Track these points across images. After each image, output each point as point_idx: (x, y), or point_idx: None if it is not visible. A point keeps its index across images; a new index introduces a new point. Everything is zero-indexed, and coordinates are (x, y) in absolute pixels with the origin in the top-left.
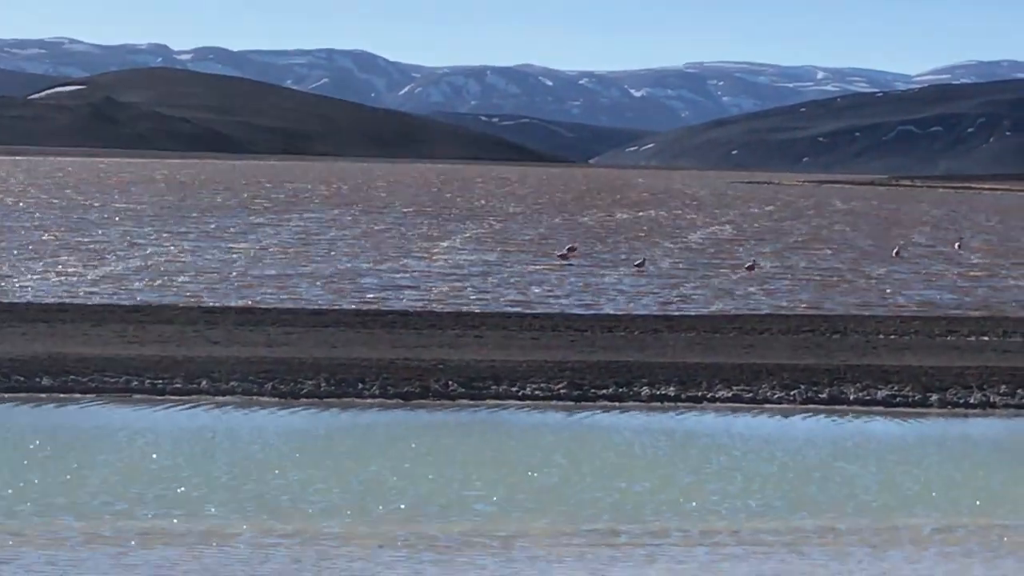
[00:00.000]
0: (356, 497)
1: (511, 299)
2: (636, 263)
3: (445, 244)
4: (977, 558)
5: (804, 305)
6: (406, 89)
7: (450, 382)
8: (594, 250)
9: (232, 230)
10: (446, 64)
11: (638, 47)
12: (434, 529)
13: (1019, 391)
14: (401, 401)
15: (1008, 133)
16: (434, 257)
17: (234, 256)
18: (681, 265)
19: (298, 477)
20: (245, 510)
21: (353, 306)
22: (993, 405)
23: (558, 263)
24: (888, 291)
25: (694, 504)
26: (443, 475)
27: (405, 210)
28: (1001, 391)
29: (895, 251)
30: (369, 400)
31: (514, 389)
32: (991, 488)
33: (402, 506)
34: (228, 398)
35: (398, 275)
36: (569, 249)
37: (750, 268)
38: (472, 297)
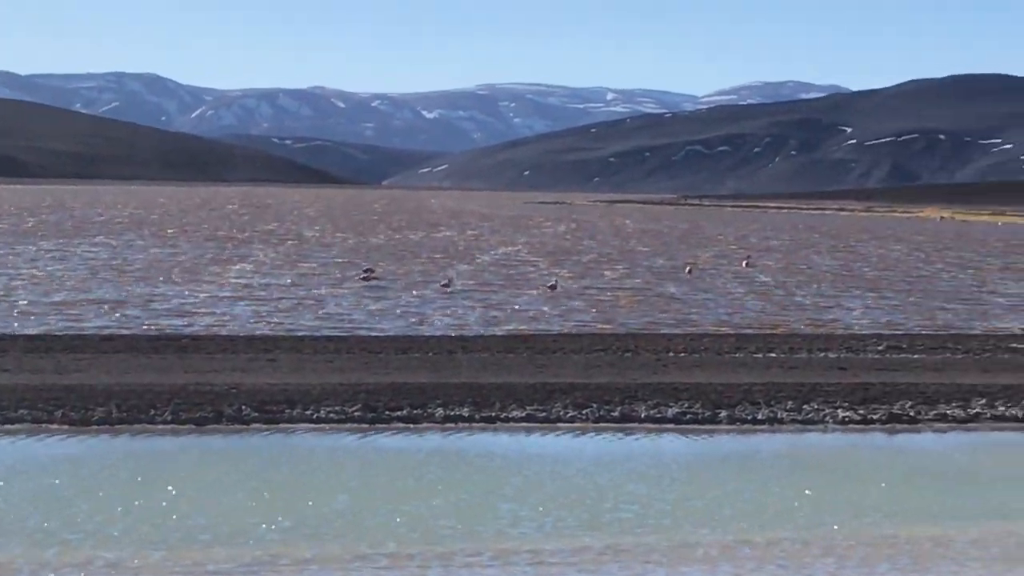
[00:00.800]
0: (143, 524)
1: (305, 322)
2: (443, 283)
3: (238, 267)
4: (766, 572)
5: (598, 324)
6: (198, 112)
7: (243, 406)
8: (392, 271)
9: (20, 256)
10: (238, 87)
11: (430, 69)
12: (224, 556)
13: (805, 407)
14: (194, 426)
15: (793, 153)
16: (227, 281)
17: (21, 283)
18: (474, 285)
19: (86, 506)
20: (29, 540)
21: (144, 332)
22: (780, 421)
23: (354, 285)
24: (679, 309)
25: (488, 526)
26: (235, 501)
27: (197, 233)
28: (788, 407)
29: (687, 270)
30: (161, 426)
31: (308, 412)
32: (777, 502)
33: (191, 533)
34: (17, 426)
35: (190, 300)
36: (367, 271)
37: (552, 287)
38: (265, 321)
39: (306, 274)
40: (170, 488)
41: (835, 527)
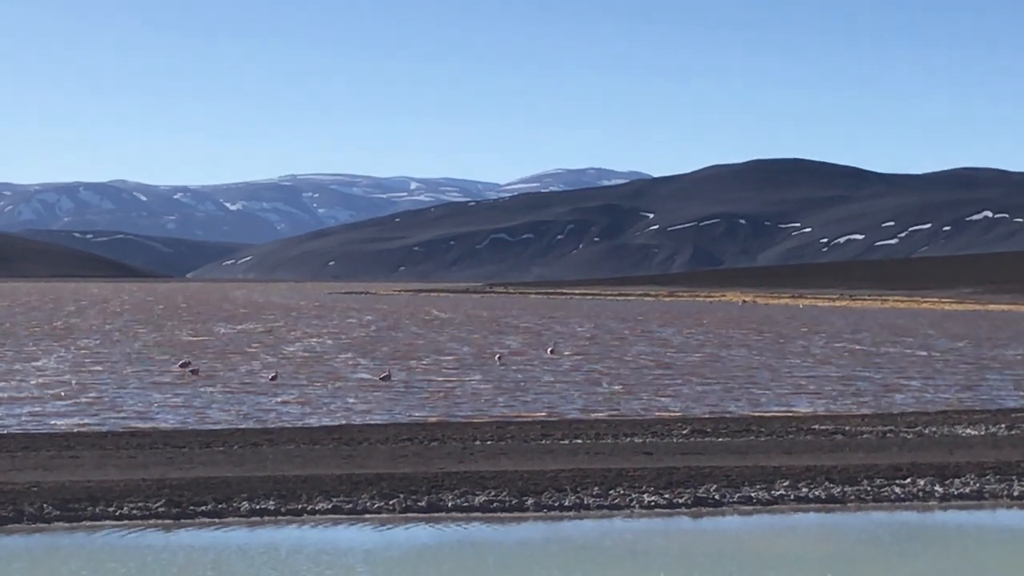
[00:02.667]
0: None
1: (109, 417)
2: (271, 376)
3: (37, 363)
4: None
5: (405, 413)
6: None
7: (45, 504)
8: (208, 365)
9: None
10: (37, 181)
11: (232, 160)
12: None
13: (611, 492)
14: None
15: (597, 239)
16: (25, 378)
17: None
18: (280, 377)
19: None
20: None
21: None
22: (587, 507)
23: (158, 380)
24: (487, 398)
25: None
26: None
27: None
28: (594, 492)
29: (497, 358)
30: None
31: (111, 509)
32: None
33: None
34: None
35: None
36: (183, 364)
37: (384, 378)
38: (66, 418)
39: (104, 370)
40: None
41: None
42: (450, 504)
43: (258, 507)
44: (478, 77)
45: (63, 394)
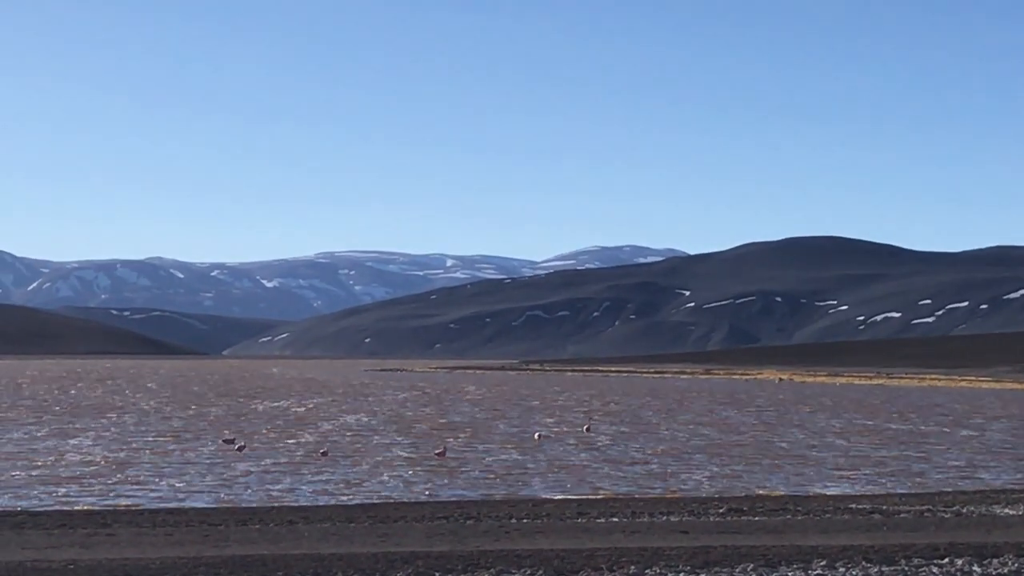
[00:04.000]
0: None
1: (145, 495)
2: (322, 451)
3: (74, 441)
4: None
5: (441, 492)
6: (35, 284)
7: None
8: (251, 441)
9: None
10: (75, 258)
11: (268, 238)
12: None
13: (647, 571)
14: None
15: (632, 316)
16: (64, 455)
17: None
18: (313, 455)
19: None
20: None
21: None
22: None
23: (200, 456)
24: (523, 476)
25: None
26: None
27: (32, 408)
28: (630, 571)
29: (537, 436)
30: None
31: None
32: None
33: None
34: None
35: (25, 474)
36: (226, 441)
37: (440, 453)
38: (104, 495)
39: (140, 448)
40: None
41: None
42: None
43: None
44: (513, 155)
45: (99, 471)
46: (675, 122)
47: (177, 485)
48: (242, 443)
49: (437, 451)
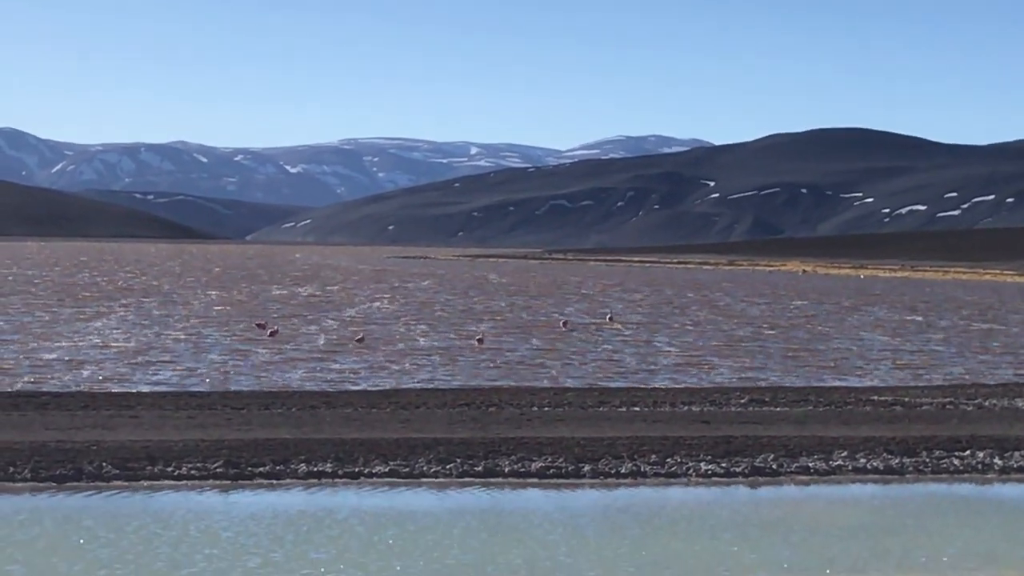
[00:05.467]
0: None
1: (166, 378)
2: (358, 338)
3: (98, 324)
4: None
5: (460, 378)
6: (58, 167)
7: (104, 463)
8: (283, 327)
9: None
10: (99, 141)
11: (293, 123)
12: None
13: (668, 460)
14: (54, 484)
15: (656, 207)
16: (87, 337)
17: None
18: (338, 340)
19: None
20: None
21: (2, 389)
22: (643, 474)
23: (215, 340)
24: (544, 364)
25: None
26: (93, 559)
27: (55, 290)
28: (651, 460)
29: (563, 323)
30: (20, 484)
31: (169, 469)
32: (638, 556)
33: None
34: None
35: (50, 356)
36: (259, 325)
37: (480, 340)
38: (126, 377)
39: (166, 330)
40: (32, 544)
41: None
42: (507, 470)
43: (315, 469)
44: (540, 45)
45: (123, 354)
46: (703, 10)
47: (202, 369)
48: (275, 327)
49: (478, 338)
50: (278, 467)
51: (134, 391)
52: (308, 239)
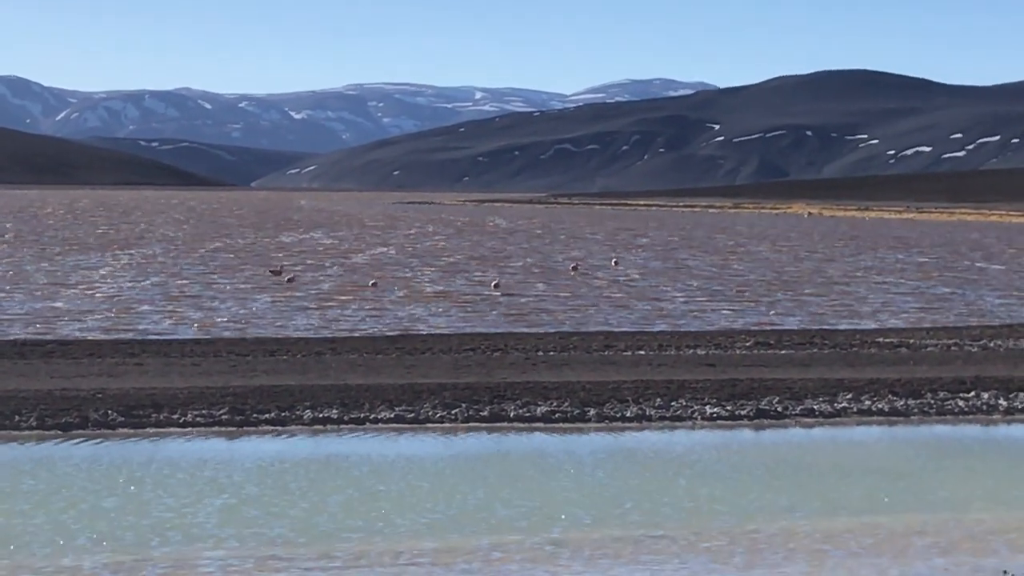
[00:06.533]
0: (8, 531)
1: (171, 326)
2: (371, 283)
3: (103, 272)
4: (643, 567)
5: (467, 324)
6: (62, 115)
7: (109, 411)
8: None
9: None
10: (103, 89)
11: (297, 70)
12: (90, 561)
13: (673, 404)
14: (60, 432)
15: (662, 150)
16: (91, 285)
17: None
18: (347, 287)
19: None
20: None
21: (8, 337)
22: (649, 418)
23: (222, 287)
24: (550, 309)
25: (360, 527)
26: (101, 504)
27: (62, 237)
28: (656, 404)
29: (572, 267)
30: (27, 432)
31: (175, 416)
32: (645, 499)
33: (60, 536)
34: None
35: (55, 304)
36: (274, 272)
37: (496, 286)
38: (132, 326)
39: (172, 277)
40: (37, 492)
41: (696, 522)
42: (512, 414)
43: (321, 416)
44: None
45: (129, 302)
46: None
47: (207, 317)
48: (291, 274)
49: (494, 283)
50: (283, 414)
51: (139, 339)
52: (313, 185)
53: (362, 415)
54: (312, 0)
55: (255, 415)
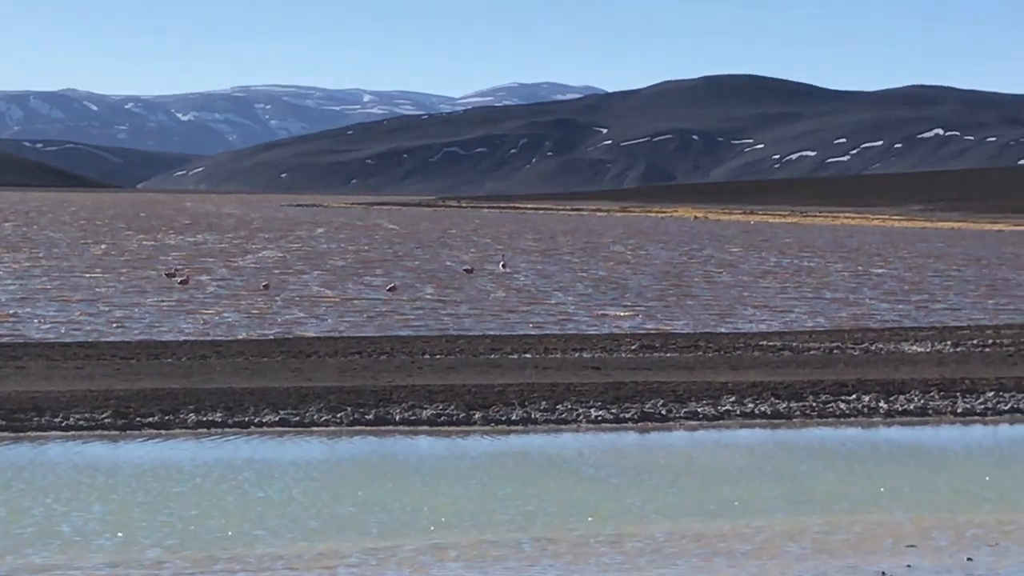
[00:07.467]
0: None
1: (54, 328)
2: (263, 284)
3: None
4: (523, 571)
5: (355, 327)
6: None
7: None
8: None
9: None
10: None
11: (183, 71)
12: None
13: (558, 407)
14: None
15: (549, 154)
16: None
17: None
18: (227, 289)
19: None
20: None
21: None
22: (534, 421)
23: (106, 289)
24: (439, 312)
25: (244, 532)
26: None
27: None
28: (542, 407)
29: (466, 269)
30: None
31: (57, 420)
32: (525, 502)
33: None
34: None
35: None
36: (168, 274)
37: (392, 289)
38: (13, 328)
39: (55, 278)
40: None
41: (579, 525)
42: (397, 418)
43: (205, 419)
44: None
45: (9, 303)
46: None
47: (91, 319)
48: (185, 275)
49: (389, 287)
50: (167, 417)
51: (22, 342)
52: (201, 187)
53: (246, 418)
54: (198, 1)
55: (138, 419)
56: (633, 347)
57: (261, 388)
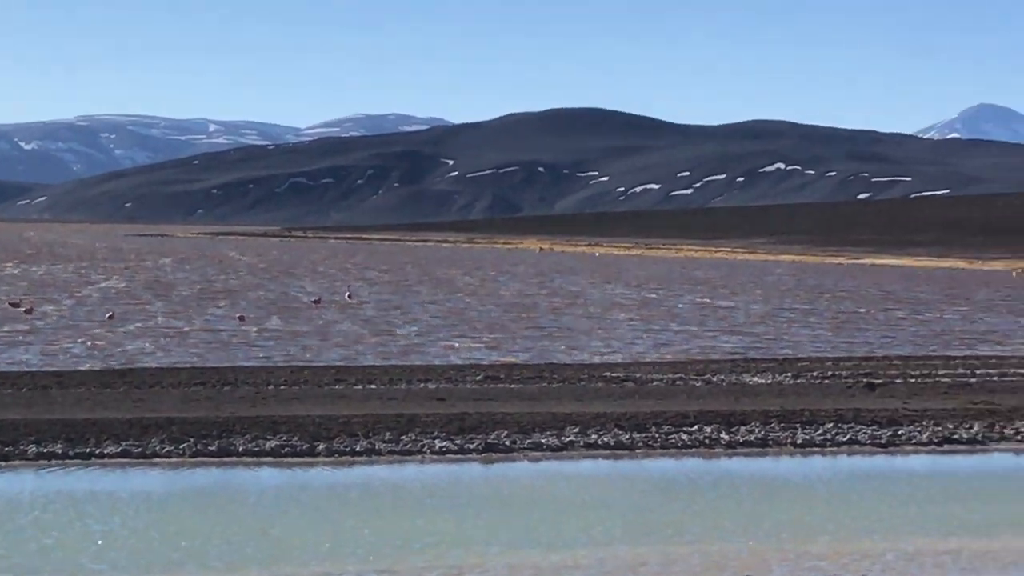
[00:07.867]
0: None
1: None
2: (108, 315)
3: None
4: None
5: (200, 358)
6: None
7: None
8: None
9: None
10: None
11: (26, 99)
12: None
13: (403, 437)
14: None
15: (396, 184)
16: None
17: None
18: (72, 320)
19: None
20: None
21: None
22: (378, 452)
23: None
24: (282, 343)
25: (69, 567)
26: None
27: None
28: (386, 438)
29: (315, 300)
30: None
31: None
32: (366, 535)
33: None
34: None
35: None
36: (12, 304)
37: (241, 318)
38: None
39: None
40: None
41: (419, 558)
42: (241, 448)
43: (45, 450)
44: (278, 20)
45: None
46: None
47: None
48: (30, 305)
49: (239, 316)
50: (6, 448)
51: None
52: (44, 217)
53: (88, 449)
54: (41, 29)
55: None
56: (478, 378)
57: (103, 419)
